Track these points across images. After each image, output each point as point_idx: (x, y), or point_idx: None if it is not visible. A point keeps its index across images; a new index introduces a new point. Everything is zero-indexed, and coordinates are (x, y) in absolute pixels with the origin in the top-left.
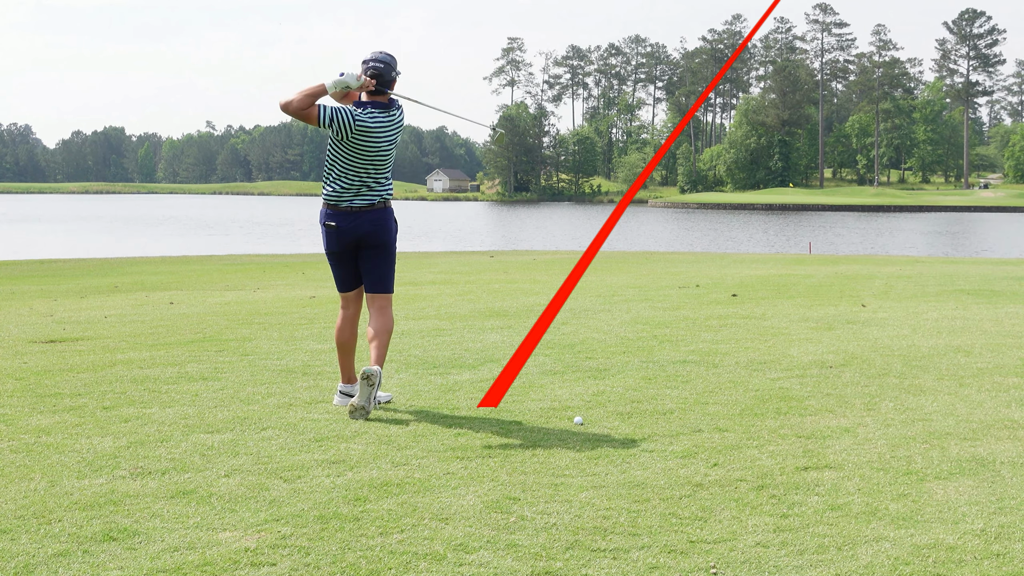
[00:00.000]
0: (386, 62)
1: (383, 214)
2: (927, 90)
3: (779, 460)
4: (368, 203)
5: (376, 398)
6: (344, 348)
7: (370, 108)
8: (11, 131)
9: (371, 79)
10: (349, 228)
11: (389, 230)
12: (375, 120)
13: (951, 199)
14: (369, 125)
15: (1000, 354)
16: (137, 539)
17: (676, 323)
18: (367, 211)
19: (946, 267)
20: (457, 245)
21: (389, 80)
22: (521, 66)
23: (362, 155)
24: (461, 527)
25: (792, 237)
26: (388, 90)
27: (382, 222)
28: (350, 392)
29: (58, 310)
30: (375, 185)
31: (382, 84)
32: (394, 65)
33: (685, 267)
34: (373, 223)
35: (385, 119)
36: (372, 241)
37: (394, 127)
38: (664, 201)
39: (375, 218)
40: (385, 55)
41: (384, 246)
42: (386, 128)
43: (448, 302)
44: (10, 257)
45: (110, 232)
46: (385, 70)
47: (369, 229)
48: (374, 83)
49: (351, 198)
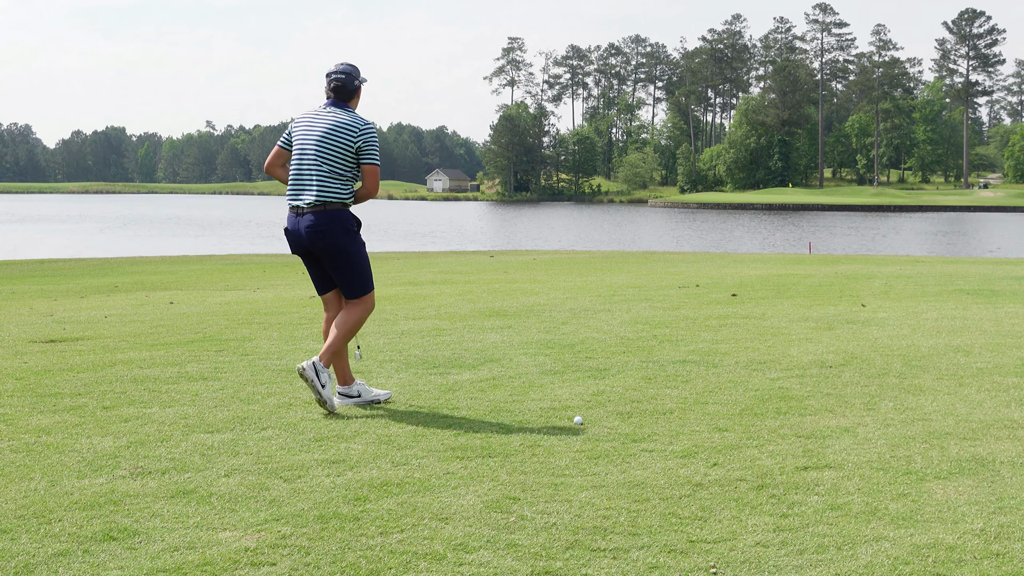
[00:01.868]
0: (348, 72)
1: (324, 217)
2: (927, 90)
3: (779, 460)
4: (308, 204)
5: (376, 396)
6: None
7: (327, 104)
8: (11, 131)
9: (331, 92)
10: (294, 229)
11: (332, 233)
12: (317, 116)
13: (951, 199)
14: (310, 120)
15: (1000, 354)
16: (137, 539)
17: (676, 323)
18: (308, 212)
19: (946, 267)
20: (457, 245)
21: (352, 90)
22: (521, 66)
23: (300, 148)
24: (461, 527)
25: (792, 237)
26: (351, 99)
27: (322, 226)
28: (348, 393)
29: (58, 310)
30: (320, 185)
31: (344, 95)
32: (356, 75)
33: (685, 267)
34: (311, 226)
35: (327, 116)
36: (319, 247)
37: (337, 127)
38: (664, 201)
39: (315, 221)
40: (347, 66)
41: (334, 252)
42: (325, 123)
43: (448, 302)
44: (10, 257)
45: (110, 232)
46: (347, 80)
47: (309, 234)
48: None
49: (294, 195)
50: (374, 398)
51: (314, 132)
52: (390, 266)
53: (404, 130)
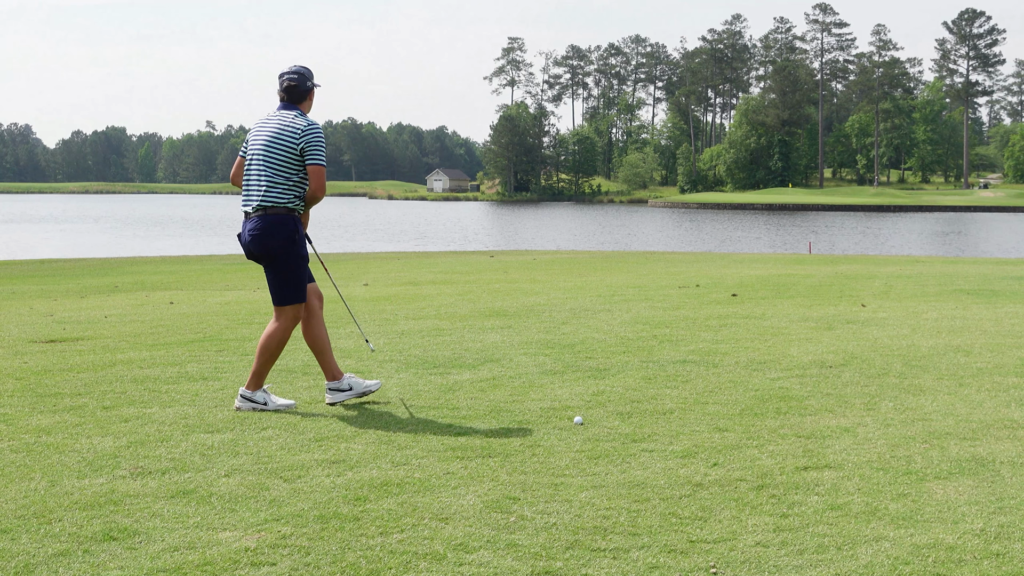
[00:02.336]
0: (300, 73)
1: (265, 221)
2: (927, 90)
3: (779, 460)
4: (253, 208)
5: (368, 387)
6: (314, 349)
7: (278, 107)
8: (11, 131)
9: (283, 93)
10: (243, 232)
11: (272, 237)
12: (266, 121)
13: (951, 199)
14: (260, 125)
15: (1000, 354)
16: (137, 539)
17: (676, 323)
18: (253, 217)
19: (946, 267)
20: (457, 245)
21: (304, 91)
22: (521, 66)
23: (251, 154)
24: (461, 527)
25: (792, 237)
26: (303, 101)
27: (261, 229)
28: (339, 388)
29: (58, 310)
30: (262, 190)
31: (296, 96)
32: (309, 77)
33: (685, 267)
34: (252, 230)
35: (275, 120)
36: (256, 250)
37: (282, 130)
38: (664, 201)
39: (256, 225)
40: (300, 67)
41: (270, 256)
42: (271, 128)
43: (448, 302)
44: (10, 257)
45: (110, 232)
46: (300, 80)
47: (251, 239)
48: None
49: (244, 201)
50: (366, 389)
51: (262, 137)
52: (390, 266)
53: (404, 130)
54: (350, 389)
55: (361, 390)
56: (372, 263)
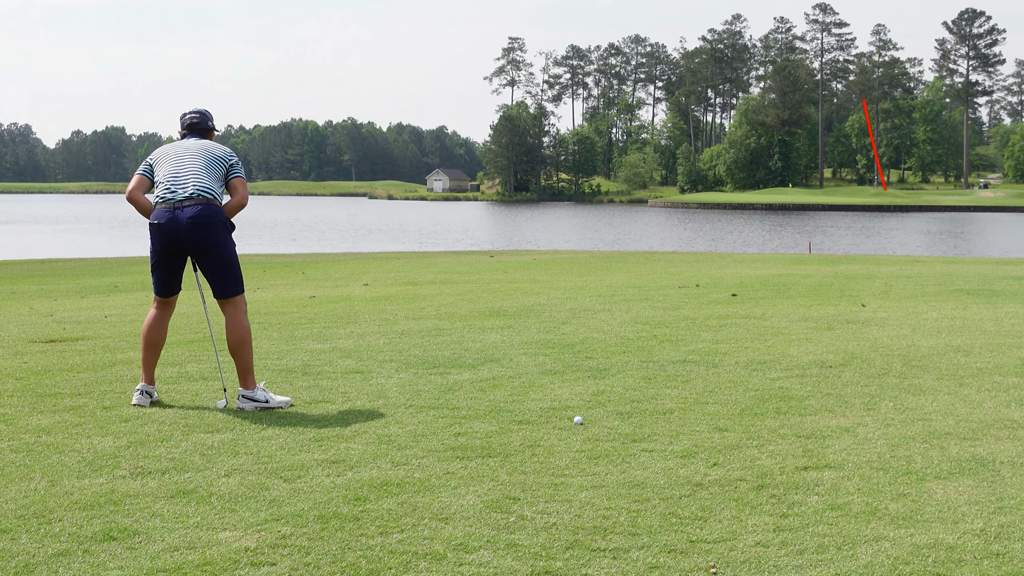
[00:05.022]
0: (202, 113)
1: (208, 209)
2: (927, 90)
3: (779, 460)
4: (188, 195)
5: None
6: (151, 347)
7: (187, 136)
8: (11, 131)
9: (186, 129)
10: (170, 222)
11: (215, 226)
12: (186, 140)
13: (951, 199)
14: (177, 144)
15: (1000, 354)
16: (137, 539)
17: (676, 323)
18: (190, 205)
19: (946, 267)
20: (457, 245)
21: (206, 128)
22: (521, 66)
23: (175, 156)
24: (461, 527)
25: (792, 237)
26: (206, 137)
27: (206, 217)
28: (148, 392)
29: (58, 310)
30: (201, 181)
31: (200, 132)
32: (210, 117)
33: (685, 267)
34: (195, 218)
35: (194, 139)
36: (200, 237)
37: (211, 145)
38: (664, 201)
39: (200, 212)
40: (200, 109)
41: (214, 246)
42: (195, 143)
43: (448, 302)
44: (10, 257)
45: (110, 232)
46: (202, 119)
47: (192, 225)
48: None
49: (170, 192)
50: (140, 404)
51: (187, 145)
52: (390, 266)
53: (404, 130)
54: (149, 396)
55: (147, 402)
56: (372, 263)
